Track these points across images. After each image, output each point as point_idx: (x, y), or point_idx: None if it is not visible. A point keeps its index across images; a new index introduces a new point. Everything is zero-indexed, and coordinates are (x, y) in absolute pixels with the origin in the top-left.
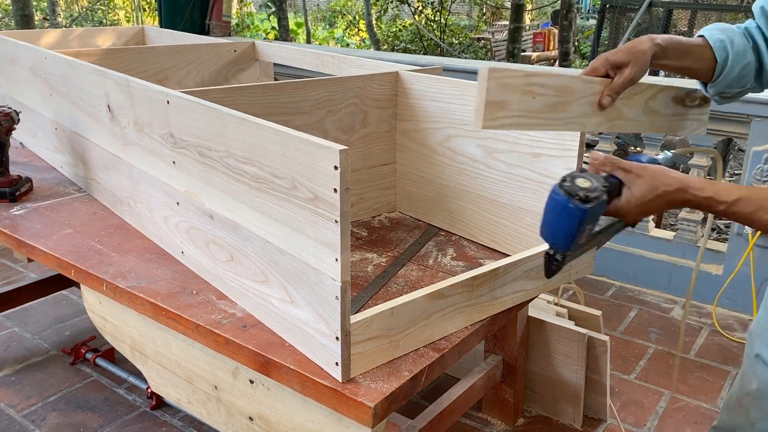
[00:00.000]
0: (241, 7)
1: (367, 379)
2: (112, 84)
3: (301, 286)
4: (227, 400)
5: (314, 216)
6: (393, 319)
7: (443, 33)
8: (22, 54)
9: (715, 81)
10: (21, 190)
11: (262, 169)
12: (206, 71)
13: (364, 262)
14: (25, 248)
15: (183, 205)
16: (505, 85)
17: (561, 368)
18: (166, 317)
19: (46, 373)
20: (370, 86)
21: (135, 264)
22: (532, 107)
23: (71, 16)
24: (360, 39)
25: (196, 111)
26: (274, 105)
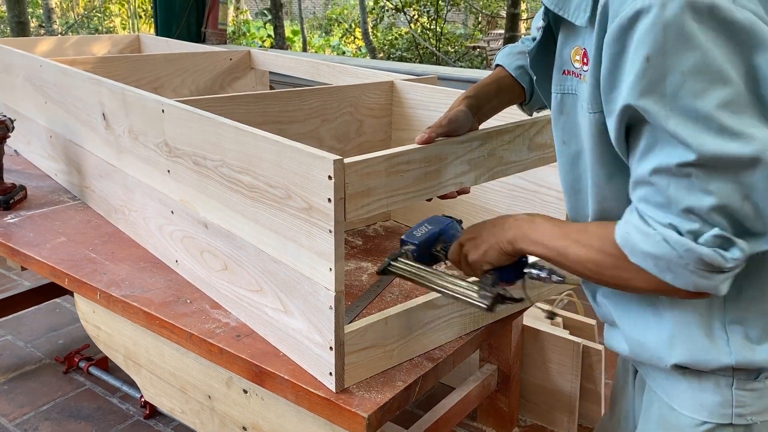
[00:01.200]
0: (237, 15)
1: (361, 389)
2: (107, 92)
3: (295, 296)
4: (221, 409)
5: (308, 226)
6: (387, 329)
7: (439, 41)
8: (17, 62)
9: (528, 102)
10: (15, 198)
11: (257, 179)
12: (202, 79)
13: (358, 271)
14: (18, 257)
15: (177, 213)
16: (367, 174)
17: (556, 377)
18: (159, 326)
19: (38, 381)
20: (366, 95)
21: (129, 273)
22: (400, 185)
23: (67, 23)
24: (356, 47)
25: (190, 120)
26: (270, 114)
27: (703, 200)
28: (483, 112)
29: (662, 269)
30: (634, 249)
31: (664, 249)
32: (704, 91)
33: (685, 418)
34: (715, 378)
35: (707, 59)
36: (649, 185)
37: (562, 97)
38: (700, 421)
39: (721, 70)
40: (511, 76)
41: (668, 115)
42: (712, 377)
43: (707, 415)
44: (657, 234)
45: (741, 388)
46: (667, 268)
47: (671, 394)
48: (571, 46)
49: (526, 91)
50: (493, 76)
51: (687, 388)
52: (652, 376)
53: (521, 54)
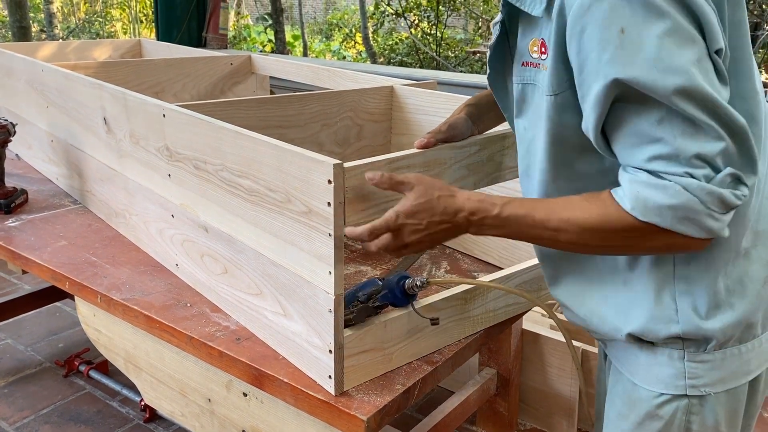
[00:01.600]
0: (238, 20)
1: (360, 392)
2: (109, 97)
3: (295, 299)
4: (221, 413)
5: (308, 229)
6: (386, 333)
7: (439, 46)
8: (18, 66)
9: None
10: (16, 201)
11: (257, 183)
12: (202, 84)
13: (358, 275)
14: (19, 260)
15: (178, 217)
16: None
17: (555, 381)
18: (160, 330)
19: (39, 385)
20: (365, 100)
21: (129, 276)
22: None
23: (68, 28)
24: (356, 52)
25: (191, 124)
26: (270, 118)
27: (709, 145)
28: (483, 121)
29: (680, 219)
30: (647, 206)
31: (684, 197)
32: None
33: (644, 391)
34: (668, 351)
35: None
36: (656, 142)
37: (522, 87)
38: (657, 393)
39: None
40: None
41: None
42: (666, 350)
43: (663, 387)
44: (674, 185)
45: (692, 360)
46: (685, 216)
47: (632, 369)
48: (529, 38)
49: None
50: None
51: (644, 362)
52: (616, 355)
53: None
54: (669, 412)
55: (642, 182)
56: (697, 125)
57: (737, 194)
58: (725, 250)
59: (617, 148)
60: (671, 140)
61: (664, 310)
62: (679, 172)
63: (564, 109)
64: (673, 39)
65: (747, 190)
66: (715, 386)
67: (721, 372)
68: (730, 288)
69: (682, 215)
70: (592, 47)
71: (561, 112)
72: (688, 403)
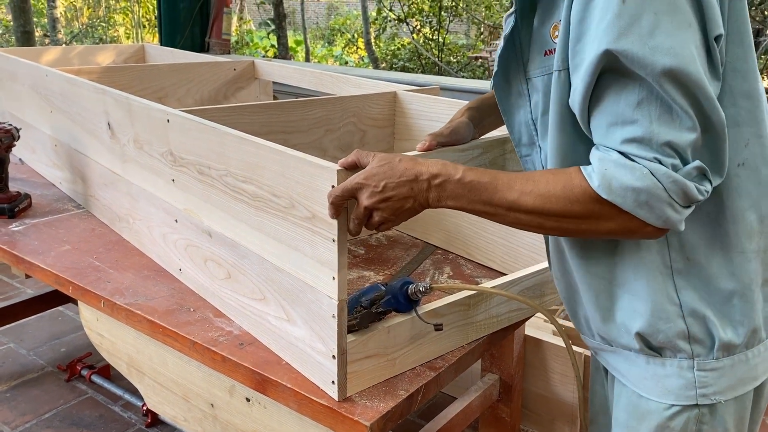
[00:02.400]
0: (241, 25)
1: (363, 397)
2: (113, 102)
3: (298, 305)
4: (223, 418)
5: (312, 235)
6: (389, 338)
7: (441, 52)
8: (23, 71)
9: None
10: (20, 206)
11: (261, 188)
12: (206, 89)
13: (361, 280)
14: (23, 264)
15: (181, 222)
16: None
17: (558, 387)
18: (163, 334)
19: (41, 389)
20: (369, 106)
21: (133, 281)
22: None
23: (71, 33)
24: (358, 57)
25: (195, 130)
26: (273, 124)
27: (683, 135)
28: (484, 124)
29: (640, 203)
30: (613, 184)
31: (650, 181)
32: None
33: (653, 403)
34: (677, 361)
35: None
36: (631, 123)
37: (547, 78)
38: (668, 405)
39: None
40: None
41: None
42: (675, 360)
43: (673, 399)
44: (642, 168)
45: (701, 368)
46: (646, 201)
47: (638, 382)
48: (550, 24)
49: None
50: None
51: (652, 375)
52: (619, 369)
53: None
54: (680, 423)
55: (612, 161)
56: (675, 112)
57: (701, 189)
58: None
59: (594, 125)
60: (647, 124)
61: (669, 306)
62: (648, 157)
63: (567, 87)
64: (671, 18)
65: (710, 188)
66: (725, 394)
67: (730, 379)
68: (733, 289)
69: (644, 199)
70: (594, 15)
71: (565, 91)
72: (698, 413)
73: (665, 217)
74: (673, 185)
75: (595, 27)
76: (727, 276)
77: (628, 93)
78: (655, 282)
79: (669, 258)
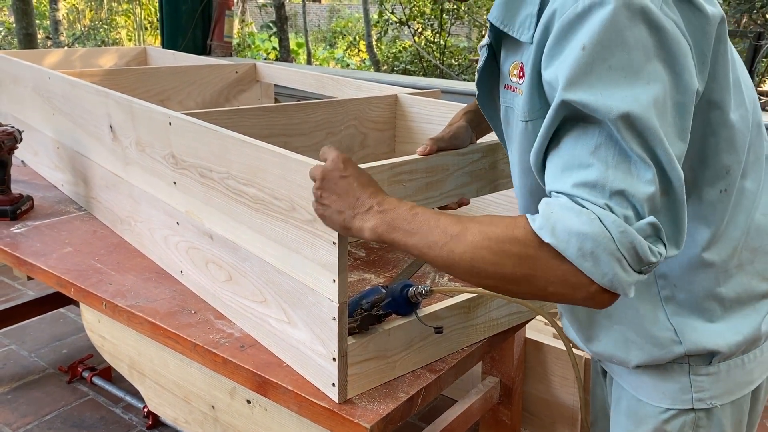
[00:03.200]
0: (242, 28)
1: (363, 400)
2: (115, 104)
3: (299, 307)
4: (224, 420)
5: (312, 237)
6: (390, 341)
7: (443, 54)
8: (25, 74)
9: None
10: (22, 208)
11: (262, 191)
12: (207, 92)
13: (361, 283)
14: (25, 266)
15: (183, 225)
16: None
17: (558, 390)
18: (164, 336)
19: (42, 391)
20: (370, 109)
21: (134, 283)
22: (402, 194)
23: (74, 35)
24: (360, 59)
25: (197, 132)
26: (275, 127)
27: (639, 186)
28: (482, 127)
29: (584, 253)
30: (556, 228)
31: (597, 228)
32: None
33: (650, 407)
34: (672, 366)
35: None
36: (586, 168)
37: (506, 109)
38: (664, 409)
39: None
40: None
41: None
42: (670, 366)
43: (670, 403)
44: (590, 213)
45: (697, 373)
46: (591, 252)
47: (636, 386)
48: (511, 62)
49: None
50: None
51: (649, 380)
52: (618, 372)
53: None
54: (676, 427)
55: (558, 204)
56: (633, 161)
57: (653, 250)
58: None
59: (548, 170)
60: (602, 169)
61: (664, 333)
62: (599, 203)
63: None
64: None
65: (665, 253)
66: (721, 398)
67: (726, 384)
68: (726, 305)
69: (589, 248)
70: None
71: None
72: (695, 417)
73: (612, 275)
74: (622, 236)
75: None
76: (715, 294)
77: (587, 137)
78: (646, 311)
79: (657, 287)
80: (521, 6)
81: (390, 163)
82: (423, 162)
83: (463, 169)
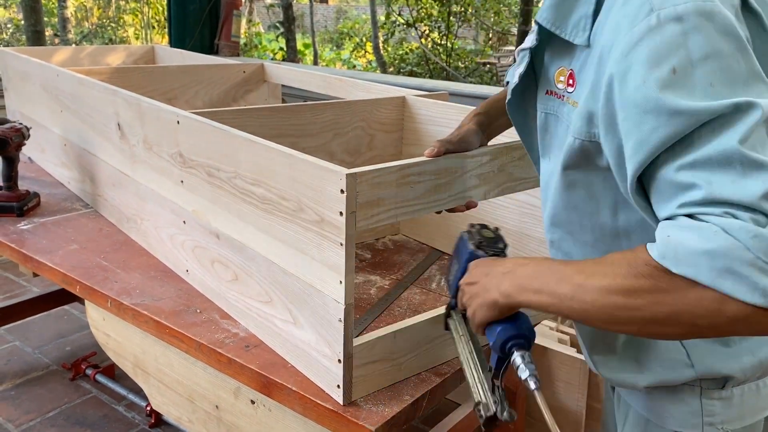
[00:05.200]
0: (249, 28)
1: (368, 402)
2: (123, 103)
3: (305, 308)
4: (228, 420)
5: (320, 238)
6: (395, 343)
7: (449, 57)
8: (34, 71)
9: None
10: (29, 204)
11: (270, 191)
12: (215, 91)
13: (367, 285)
14: (31, 263)
15: (189, 223)
16: (377, 184)
17: (562, 395)
18: (169, 335)
19: (45, 388)
20: (377, 110)
21: (140, 281)
22: (410, 196)
23: (81, 33)
24: (367, 61)
25: (205, 132)
26: (283, 127)
27: (749, 187)
28: (492, 129)
29: (719, 271)
30: (679, 252)
31: (723, 240)
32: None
33: (659, 429)
34: (683, 389)
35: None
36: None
37: (546, 117)
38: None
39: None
40: None
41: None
42: (681, 388)
43: (678, 425)
44: (711, 225)
45: (709, 397)
46: (726, 268)
47: (645, 406)
48: (557, 67)
49: None
50: (503, 94)
51: (658, 400)
52: (626, 391)
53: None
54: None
55: (675, 225)
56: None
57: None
58: None
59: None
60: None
61: (676, 356)
62: (717, 212)
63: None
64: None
65: None
66: (733, 423)
67: (740, 409)
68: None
69: (723, 265)
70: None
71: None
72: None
73: (762, 288)
74: (755, 241)
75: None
76: None
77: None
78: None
79: None
80: (575, 6)
81: (398, 164)
82: (431, 164)
83: (472, 171)
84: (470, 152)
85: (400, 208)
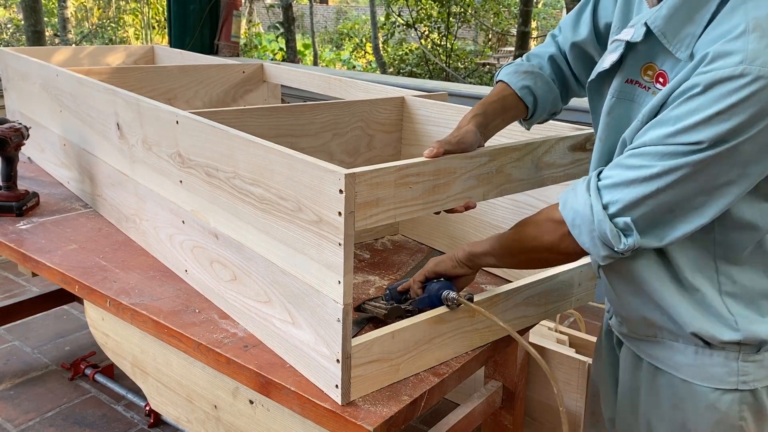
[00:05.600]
0: (250, 28)
1: (366, 402)
2: (122, 103)
3: (303, 308)
4: (226, 420)
5: (318, 238)
6: (394, 343)
7: (449, 57)
8: (33, 71)
9: (529, 119)
10: (28, 204)
11: (268, 191)
12: (214, 91)
13: (366, 285)
14: (30, 263)
15: (188, 223)
16: (376, 185)
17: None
18: (168, 335)
19: (44, 388)
20: (377, 110)
21: (139, 281)
22: (409, 196)
23: (81, 33)
24: (366, 61)
25: (204, 132)
26: (282, 127)
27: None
28: (488, 129)
29: (575, 225)
30: (567, 203)
31: (586, 211)
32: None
33: (696, 386)
34: (724, 353)
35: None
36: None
37: (616, 101)
38: (713, 388)
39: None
40: (515, 94)
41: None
42: (722, 352)
43: (717, 383)
44: (589, 200)
45: (745, 360)
46: (579, 225)
47: (681, 368)
48: (644, 61)
49: (528, 110)
50: (497, 94)
51: (698, 363)
52: (655, 355)
53: (527, 74)
54: (726, 403)
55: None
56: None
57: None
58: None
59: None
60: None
61: (724, 318)
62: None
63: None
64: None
65: (633, 245)
66: (763, 381)
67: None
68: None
69: (579, 222)
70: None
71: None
72: (741, 395)
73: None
74: (598, 224)
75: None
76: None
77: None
78: (712, 301)
79: (718, 283)
80: (687, 23)
81: (397, 165)
82: (430, 164)
83: (470, 172)
84: (469, 153)
85: (399, 209)
